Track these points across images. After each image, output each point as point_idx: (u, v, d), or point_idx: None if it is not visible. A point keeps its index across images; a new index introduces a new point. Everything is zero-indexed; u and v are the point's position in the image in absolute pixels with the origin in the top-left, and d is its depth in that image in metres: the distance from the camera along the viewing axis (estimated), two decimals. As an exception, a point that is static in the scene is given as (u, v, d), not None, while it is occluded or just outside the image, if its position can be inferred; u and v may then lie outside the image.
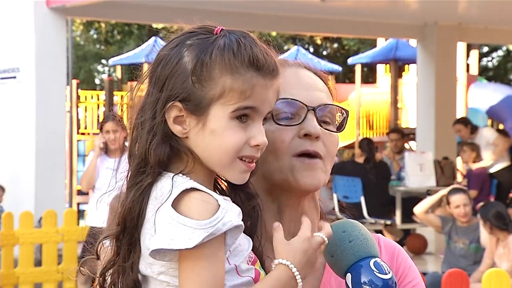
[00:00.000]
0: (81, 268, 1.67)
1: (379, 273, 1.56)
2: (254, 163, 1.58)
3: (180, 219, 1.47)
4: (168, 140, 1.55)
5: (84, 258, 1.68)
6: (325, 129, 1.71)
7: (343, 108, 1.76)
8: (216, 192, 1.57)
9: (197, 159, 1.55)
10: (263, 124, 1.59)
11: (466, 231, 8.01)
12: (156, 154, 1.54)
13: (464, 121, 11.85)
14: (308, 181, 1.69)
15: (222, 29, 1.58)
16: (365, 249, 1.59)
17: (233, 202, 1.59)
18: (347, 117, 1.76)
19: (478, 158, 11.34)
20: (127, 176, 1.59)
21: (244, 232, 1.56)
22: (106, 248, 1.63)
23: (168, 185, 1.52)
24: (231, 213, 1.51)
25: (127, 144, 1.64)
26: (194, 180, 1.54)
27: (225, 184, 1.65)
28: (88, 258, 1.66)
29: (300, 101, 1.70)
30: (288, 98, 1.69)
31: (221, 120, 1.53)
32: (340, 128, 1.76)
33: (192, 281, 1.48)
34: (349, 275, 1.58)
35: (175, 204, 1.49)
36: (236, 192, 1.62)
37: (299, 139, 1.69)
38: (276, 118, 1.69)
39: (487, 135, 11.57)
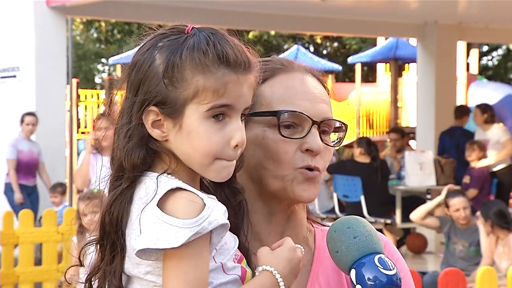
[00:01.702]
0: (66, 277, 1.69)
1: (383, 269, 1.56)
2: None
3: (166, 219, 1.47)
4: (145, 144, 1.55)
5: (68, 267, 1.68)
6: (324, 141, 1.73)
7: (344, 123, 1.77)
8: (201, 191, 1.57)
9: (179, 159, 1.56)
10: (244, 124, 1.59)
11: (465, 233, 7.96)
12: (130, 159, 1.55)
13: (484, 108, 11.69)
14: (305, 194, 1.71)
15: (193, 28, 1.57)
16: (369, 245, 1.60)
17: (218, 198, 1.60)
18: (346, 132, 1.78)
19: (483, 157, 11.26)
20: (108, 181, 1.60)
21: (230, 228, 1.56)
22: (90, 255, 1.63)
23: (153, 185, 1.52)
24: (216, 212, 1.51)
25: None
26: (178, 179, 1.54)
27: (208, 181, 1.65)
28: (72, 266, 1.67)
29: (307, 115, 1.70)
30: (296, 112, 1.69)
31: (196, 121, 1.53)
32: (338, 142, 1.77)
33: (177, 279, 1.48)
34: (353, 271, 1.58)
35: (161, 204, 1.49)
36: (221, 188, 1.62)
37: (301, 153, 1.70)
38: (281, 125, 1.69)
39: (499, 133, 11.47)
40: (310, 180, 1.71)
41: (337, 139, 1.77)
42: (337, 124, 1.76)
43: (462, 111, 12.93)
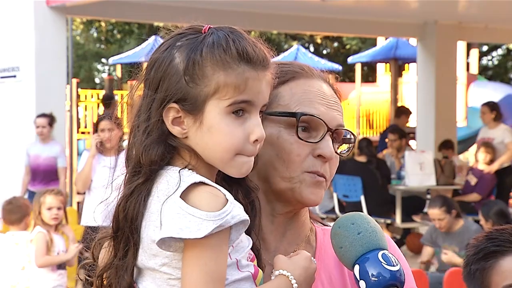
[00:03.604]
0: (80, 273, 1.70)
1: (387, 265, 1.57)
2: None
3: (190, 210, 1.49)
4: (164, 140, 1.57)
5: (82, 262, 1.70)
6: (335, 151, 1.76)
7: (353, 134, 1.81)
8: None
9: (199, 156, 1.58)
10: (261, 121, 1.60)
11: (453, 237, 7.80)
12: (147, 155, 1.56)
13: (492, 105, 11.68)
14: (312, 197, 1.73)
15: (210, 27, 1.60)
16: (373, 241, 1.60)
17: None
18: (354, 143, 1.82)
19: (494, 160, 11.20)
20: (125, 178, 1.61)
21: None
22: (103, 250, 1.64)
23: (175, 178, 1.54)
24: (238, 208, 1.54)
25: (123, 143, 1.65)
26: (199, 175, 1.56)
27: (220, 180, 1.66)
28: (86, 262, 1.68)
29: (323, 121, 1.73)
30: (314, 116, 1.72)
31: (216, 116, 1.55)
32: (348, 151, 1.81)
33: (198, 269, 1.50)
34: (357, 267, 1.59)
35: (184, 196, 1.52)
36: (235, 187, 1.64)
37: (313, 158, 1.73)
38: (298, 128, 1.72)
39: (504, 134, 11.44)
40: (318, 184, 1.73)
41: (347, 149, 1.81)
42: (347, 136, 1.80)
43: (401, 111, 13.54)
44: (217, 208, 1.50)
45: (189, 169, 1.56)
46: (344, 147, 1.80)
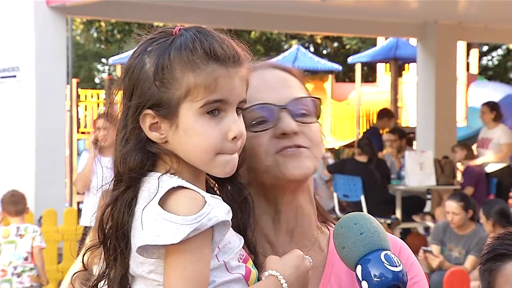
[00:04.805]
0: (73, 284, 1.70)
1: (389, 265, 1.56)
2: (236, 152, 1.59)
3: (166, 216, 1.49)
4: (142, 147, 1.57)
5: (75, 272, 1.69)
6: (302, 122, 1.72)
7: (313, 97, 1.77)
8: (207, 192, 1.58)
9: (181, 159, 1.57)
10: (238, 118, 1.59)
11: (461, 239, 7.78)
12: (125, 162, 1.56)
13: (492, 105, 11.69)
14: (296, 171, 1.71)
15: (180, 29, 1.59)
16: (376, 242, 1.60)
17: (223, 196, 1.62)
18: (320, 105, 1.77)
19: (471, 156, 11.25)
20: (109, 187, 1.61)
21: (237, 225, 1.58)
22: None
23: (155, 185, 1.54)
24: (217, 209, 1.52)
25: None
26: (181, 179, 1.55)
27: (212, 182, 1.66)
28: (79, 271, 1.68)
29: (269, 103, 1.71)
30: (256, 104, 1.71)
31: (191, 118, 1.54)
32: (318, 116, 1.77)
33: (177, 274, 1.49)
34: (359, 267, 1.58)
35: (162, 202, 1.51)
36: (225, 186, 1.64)
37: (277, 139, 1.71)
38: (251, 124, 1.70)
39: (501, 134, 11.45)
40: (294, 156, 1.71)
41: (315, 113, 1.76)
42: (308, 101, 1.75)
43: (384, 114, 13.73)
44: (194, 212, 1.49)
45: (171, 174, 1.56)
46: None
